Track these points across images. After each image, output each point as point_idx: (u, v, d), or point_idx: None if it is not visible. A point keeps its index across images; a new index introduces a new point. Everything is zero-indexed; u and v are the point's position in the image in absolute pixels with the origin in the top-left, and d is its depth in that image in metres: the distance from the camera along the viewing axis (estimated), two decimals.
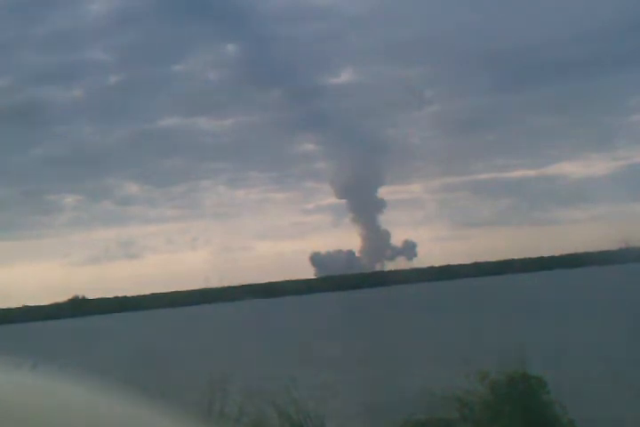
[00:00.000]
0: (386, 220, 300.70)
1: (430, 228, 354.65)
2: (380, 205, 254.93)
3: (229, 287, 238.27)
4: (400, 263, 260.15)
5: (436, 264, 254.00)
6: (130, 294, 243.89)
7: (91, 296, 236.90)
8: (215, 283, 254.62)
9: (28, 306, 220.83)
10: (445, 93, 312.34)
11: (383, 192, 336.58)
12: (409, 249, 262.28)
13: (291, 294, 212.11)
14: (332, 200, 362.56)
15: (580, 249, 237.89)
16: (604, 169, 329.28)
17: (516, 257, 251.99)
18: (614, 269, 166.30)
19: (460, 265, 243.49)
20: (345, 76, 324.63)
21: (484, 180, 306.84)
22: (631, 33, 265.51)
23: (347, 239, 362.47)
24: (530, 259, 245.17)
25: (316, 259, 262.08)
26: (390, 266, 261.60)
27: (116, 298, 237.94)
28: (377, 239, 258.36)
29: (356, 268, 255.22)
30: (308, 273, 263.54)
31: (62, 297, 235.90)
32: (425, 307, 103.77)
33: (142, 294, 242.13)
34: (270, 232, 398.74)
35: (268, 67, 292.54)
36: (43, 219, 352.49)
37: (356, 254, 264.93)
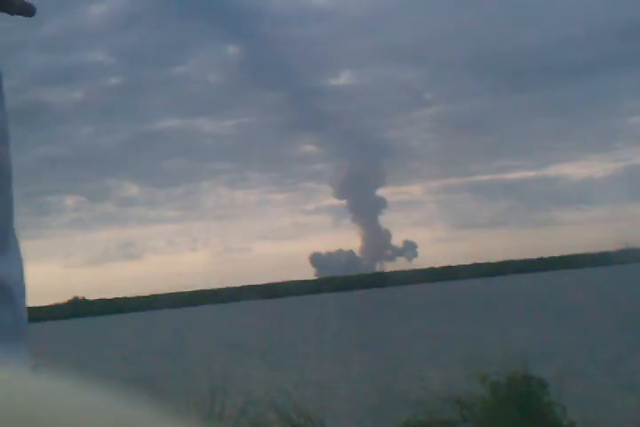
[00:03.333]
0: (386, 221, 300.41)
1: (430, 229, 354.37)
2: (380, 204, 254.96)
3: (230, 288, 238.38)
4: (400, 264, 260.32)
5: (437, 265, 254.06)
6: (130, 294, 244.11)
7: (91, 297, 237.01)
8: (216, 284, 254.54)
9: (27, 306, 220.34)
10: (445, 95, 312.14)
11: (383, 193, 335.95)
12: (409, 249, 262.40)
13: (291, 295, 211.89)
14: (333, 201, 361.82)
15: (581, 250, 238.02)
16: (603, 170, 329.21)
17: (516, 258, 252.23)
18: (615, 269, 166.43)
19: (461, 266, 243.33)
20: (345, 78, 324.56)
21: (484, 181, 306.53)
22: (631, 35, 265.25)
23: (347, 240, 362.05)
24: (530, 260, 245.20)
25: (316, 259, 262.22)
26: (391, 266, 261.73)
27: (117, 299, 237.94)
28: (377, 240, 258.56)
29: (356, 268, 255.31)
30: (309, 274, 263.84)
31: (62, 298, 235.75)
32: (425, 307, 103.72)
33: (143, 294, 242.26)
34: (270, 233, 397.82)
35: (268, 68, 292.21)
36: (43, 220, 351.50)
37: (357, 255, 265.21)
